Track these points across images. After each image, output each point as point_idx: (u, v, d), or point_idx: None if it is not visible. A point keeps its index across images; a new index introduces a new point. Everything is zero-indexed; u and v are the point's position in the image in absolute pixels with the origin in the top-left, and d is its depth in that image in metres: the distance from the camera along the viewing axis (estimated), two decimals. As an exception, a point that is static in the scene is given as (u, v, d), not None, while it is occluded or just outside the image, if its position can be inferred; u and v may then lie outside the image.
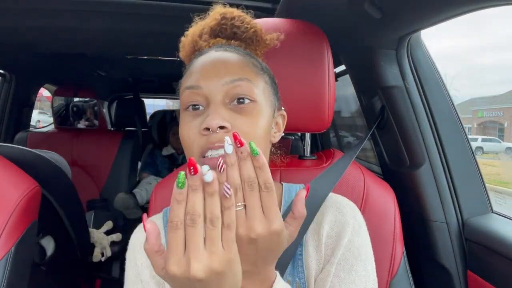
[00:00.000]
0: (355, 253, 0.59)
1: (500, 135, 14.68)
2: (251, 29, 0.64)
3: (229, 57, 0.58)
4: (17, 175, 0.88)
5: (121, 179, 2.16)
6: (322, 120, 0.82)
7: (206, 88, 0.54)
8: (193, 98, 0.55)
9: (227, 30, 0.63)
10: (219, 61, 0.57)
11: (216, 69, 0.55)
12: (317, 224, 0.62)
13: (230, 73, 0.55)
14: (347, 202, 0.66)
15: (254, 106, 0.55)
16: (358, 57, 1.10)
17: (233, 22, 0.63)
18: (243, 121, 0.53)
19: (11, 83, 2.17)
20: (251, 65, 0.58)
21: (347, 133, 2.08)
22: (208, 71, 0.56)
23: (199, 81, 0.55)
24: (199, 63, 0.58)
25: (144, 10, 1.10)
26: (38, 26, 1.29)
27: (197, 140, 0.53)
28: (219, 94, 0.54)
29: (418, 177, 0.98)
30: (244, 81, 0.55)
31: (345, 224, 0.61)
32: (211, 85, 0.54)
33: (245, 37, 0.64)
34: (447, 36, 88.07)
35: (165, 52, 1.86)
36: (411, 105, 0.98)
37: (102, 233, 1.80)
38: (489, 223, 0.93)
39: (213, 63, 0.57)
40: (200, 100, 0.55)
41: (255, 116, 0.54)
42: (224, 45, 0.62)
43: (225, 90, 0.54)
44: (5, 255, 0.77)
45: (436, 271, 0.98)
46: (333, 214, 0.63)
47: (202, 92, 0.54)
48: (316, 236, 0.62)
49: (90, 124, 2.43)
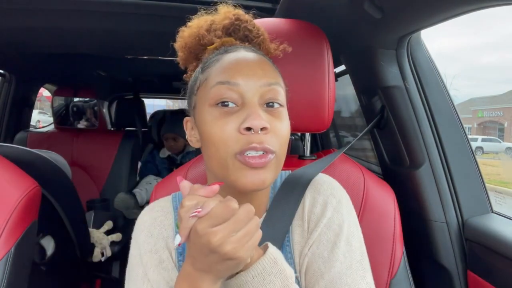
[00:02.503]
0: (336, 230, 0.59)
1: (500, 135, 14.70)
2: (261, 35, 0.65)
3: (263, 60, 0.59)
4: (17, 175, 0.88)
5: (121, 179, 2.16)
6: (322, 120, 0.82)
7: (244, 86, 0.54)
8: (227, 94, 0.54)
9: (240, 32, 0.63)
10: (255, 62, 0.57)
11: (254, 69, 0.56)
12: (300, 208, 0.63)
13: (267, 76, 0.56)
14: (325, 179, 0.66)
15: (282, 111, 0.57)
16: (358, 57, 1.10)
17: (246, 25, 0.63)
18: (278, 124, 0.55)
19: (11, 83, 2.17)
20: (277, 71, 0.60)
21: (347, 133, 2.08)
22: (245, 69, 0.55)
23: (236, 77, 0.54)
24: (232, 59, 0.57)
25: (144, 10, 1.10)
26: (38, 26, 1.29)
27: (235, 138, 0.52)
28: (256, 94, 0.54)
29: (418, 177, 0.98)
30: (277, 85, 0.56)
31: (324, 204, 0.61)
32: (249, 84, 0.54)
33: (256, 42, 0.65)
34: (447, 36, 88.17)
35: (165, 52, 1.86)
36: (411, 105, 0.98)
37: (102, 233, 1.80)
38: (489, 223, 0.93)
39: (250, 62, 0.57)
40: (235, 97, 0.54)
41: (285, 119, 0.57)
42: (249, 47, 0.62)
43: (261, 91, 0.55)
44: (5, 255, 0.77)
45: (436, 271, 0.99)
46: (311, 195, 0.63)
47: (239, 89, 0.54)
48: (300, 221, 0.62)
49: (90, 124, 2.43)
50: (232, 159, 0.52)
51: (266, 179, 0.53)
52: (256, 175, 0.53)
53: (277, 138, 0.54)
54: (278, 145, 0.54)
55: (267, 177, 0.53)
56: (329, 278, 0.56)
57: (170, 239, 0.61)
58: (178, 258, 0.61)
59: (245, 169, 0.52)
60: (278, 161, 0.55)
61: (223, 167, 0.54)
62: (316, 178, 0.66)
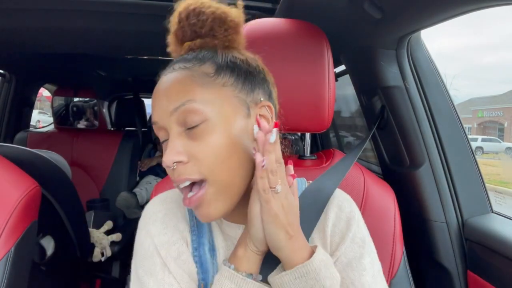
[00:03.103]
0: (360, 243, 0.61)
1: (500, 135, 14.70)
2: (207, 20, 0.55)
3: (171, 81, 0.54)
4: (17, 175, 0.88)
5: (121, 179, 2.16)
6: (322, 120, 0.82)
7: (160, 122, 0.54)
8: (158, 134, 0.56)
9: (187, 32, 0.57)
10: (162, 90, 0.55)
11: (160, 101, 0.54)
12: (321, 222, 0.63)
13: (171, 101, 0.53)
14: (344, 196, 0.67)
15: (206, 126, 0.52)
16: (358, 57, 1.10)
17: (189, 21, 0.56)
18: (199, 147, 0.52)
19: (11, 83, 2.17)
20: (195, 79, 0.53)
21: (347, 133, 2.08)
22: (156, 104, 0.55)
23: (154, 116, 0.55)
24: (153, 95, 0.57)
25: (144, 10, 1.10)
26: (38, 26, 1.29)
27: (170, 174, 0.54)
28: (172, 124, 0.53)
29: (418, 177, 0.98)
30: (186, 104, 0.52)
31: (346, 220, 0.63)
32: (162, 119, 0.54)
33: (206, 32, 0.56)
34: (447, 36, 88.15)
35: (165, 52, 1.86)
36: (411, 105, 0.98)
37: (102, 233, 1.80)
38: (489, 223, 0.93)
39: (158, 94, 0.55)
40: (163, 134, 0.55)
41: (207, 137, 0.52)
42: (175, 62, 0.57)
43: (174, 120, 0.52)
44: (5, 255, 0.77)
45: (436, 271, 0.99)
46: (334, 211, 0.64)
47: (160, 125, 0.55)
48: (322, 233, 0.63)
49: (90, 124, 2.44)
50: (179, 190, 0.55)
51: (210, 213, 0.53)
52: (198, 212, 0.54)
53: (201, 164, 0.51)
54: (207, 169, 0.51)
55: (209, 211, 0.53)
56: (359, 285, 0.58)
57: (185, 232, 0.61)
58: (193, 254, 0.60)
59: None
60: (219, 188, 0.53)
61: None
62: (336, 194, 0.67)
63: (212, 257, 0.60)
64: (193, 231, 0.61)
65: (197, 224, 0.62)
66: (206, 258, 0.60)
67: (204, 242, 0.61)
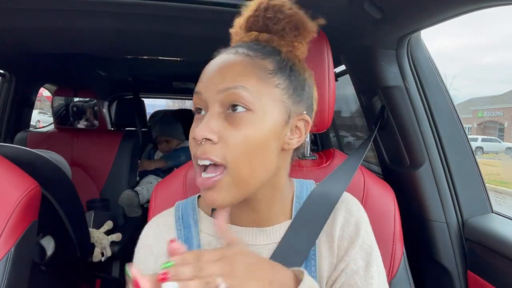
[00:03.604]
0: (368, 250, 0.61)
1: (500, 135, 14.70)
2: (283, 19, 0.57)
3: (231, 62, 0.55)
4: (17, 175, 0.88)
5: (121, 179, 2.16)
6: (322, 120, 0.82)
7: (204, 94, 0.55)
8: (197, 102, 0.56)
9: (260, 23, 0.58)
10: (219, 67, 0.56)
11: (213, 76, 0.55)
12: (328, 225, 0.63)
13: (225, 81, 0.53)
14: (353, 200, 0.67)
15: (246, 116, 0.52)
16: (358, 57, 1.10)
17: (265, 14, 0.57)
18: (232, 133, 0.52)
19: (11, 83, 2.17)
20: (255, 70, 0.54)
21: (347, 133, 2.08)
22: (207, 77, 0.56)
23: (200, 86, 0.56)
24: (206, 67, 0.58)
25: (145, 10, 1.10)
26: (38, 26, 1.29)
27: (192, 146, 0.55)
28: (215, 102, 0.53)
29: (418, 177, 0.98)
30: (239, 89, 0.52)
31: (355, 225, 0.62)
32: (208, 92, 0.54)
33: (277, 30, 0.58)
34: (447, 36, 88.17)
35: (165, 52, 1.86)
36: (411, 105, 0.98)
37: (102, 233, 1.80)
38: (489, 223, 0.93)
39: (213, 69, 0.56)
40: (203, 105, 0.55)
41: (244, 126, 0.52)
42: (239, 45, 0.59)
43: (219, 98, 0.53)
44: (5, 255, 0.77)
45: (436, 271, 0.98)
46: (342, 215, 0.63)
47: (201, 97, 0.55)
48: (329, 237, 0.62)
49: (90, 124, 2.43)
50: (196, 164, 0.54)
51: (216, 200, 0.53)
52: (206, 194, 0.54)
53: (228, 149, 0.51)
54: (231, 157, 0.51)
55: (217, 198, 0.53)
56: None
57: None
58: None
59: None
60: (235, 179, 0.53)
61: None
62: (345, 198, 0.66)
63: None
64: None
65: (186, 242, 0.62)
66: None
67: None
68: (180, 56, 1.96)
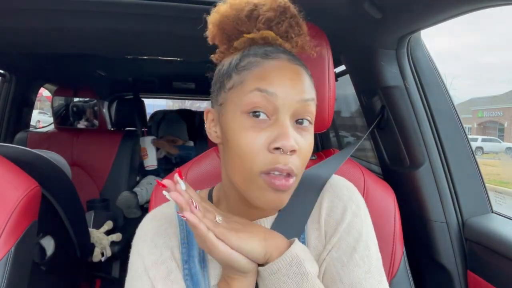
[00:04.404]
0: (355, 235, 0.58)
1: (500, 135, 14.71)
2: (302, 34, 0.59)
3: (304, 72, 0.55)
4: (17, 175, 0.88)
5: (121, 179, 2.16)
6: (322, 120, 0.82)
7: (281, 99, 0.51)
8: (262, 103, 0.51)
9: (282, 26, 0.57)
10: (298, 74, 0.54)
11: (294, 82, 0.53)
12: (316, 211, 0.61)
13: (305, 91, 0.53)
14: (344, 183, 0.65)
15: (309, 128, 0.55)
16: (358, 57, 1.10)
17: (290, 21, 0.57)
18: (305, 144, 0.53)
19: (11, 83, 2.17)
20: (313, 84, 0.57)
21: (347, 133, 2.08)
22: (286, 80, 0.52)
23: (275, 87, 0.51)
24: (275, 66, 0.53)
25: (145, 10, 1.10)
26: (38, 26, 1.29)
27: (262, 156, 0.51)
28: (290, 109, 0.52)
29: (418, 177, 0.98)
30: (312, 102, 0.54)
31: (343, 209, 0.60)
32: (287, 97, 0.51)
33: (295, 41, 0.59)
34: (447, 35, 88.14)
35: (165, 52, 1.86)
36: (411, 105, 0.98)
37: (102, 233, 1.80)
38: (489, 223, 0.93)
39: (292, 74, 0.54)
40: (269, 108, 0.51)
41: (310, 137, 0.55)
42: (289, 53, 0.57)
43: (295, 107, 0.52)
44: (5, 255, 0.77)
45: (436, 271, 0.99)
46: (330, 199, 0.62)
47: (275, 101, 0.51)
48: (316, 224, 0.61)
49: (90, 124, 2.44)
50: (256, 177, 0.51)
51: (285, 200, 0.54)
52: (277, 197, 0.52)
53: (300, 159, 0.52)
54: (301, 166, 0.53)
55: (285, 199, 0.54)
56: (348, 283, 0.55)
57: (175, 248, 0.60)
58: (183, 267, 0.59)
59: (267, 189, 0.51)
60: (297, 182, 0.55)
61: (245, 181, 0.53)
62: (333, 180, 0.64)
63: (202, 268, 0.59)
64: (183, 244, 0.60)
65: (187, 237, 0.61)
66: (197, 270, 0.59)
67: (194, 254, 0.60)
68: (180, 56, 1.96)
